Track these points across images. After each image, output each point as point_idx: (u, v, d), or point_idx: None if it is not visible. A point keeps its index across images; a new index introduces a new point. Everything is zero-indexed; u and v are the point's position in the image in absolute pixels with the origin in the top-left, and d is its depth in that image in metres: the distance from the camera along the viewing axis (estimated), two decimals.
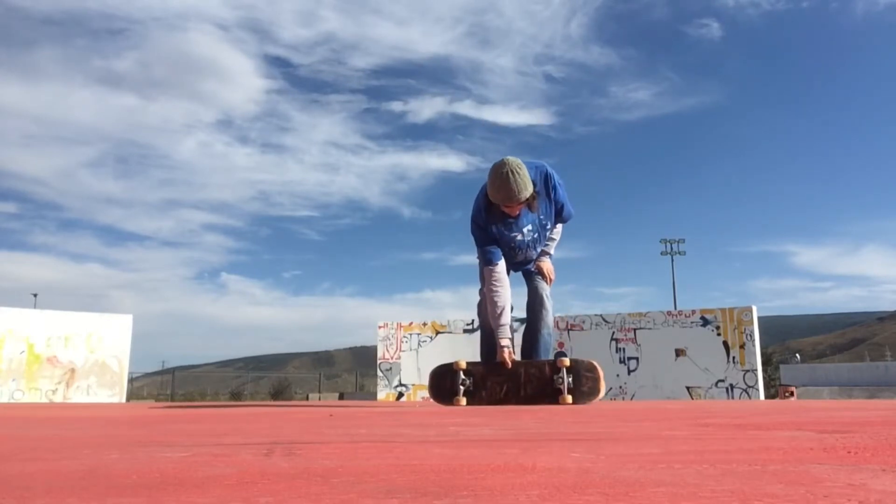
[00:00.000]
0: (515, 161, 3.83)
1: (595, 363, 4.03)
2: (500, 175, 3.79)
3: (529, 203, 3.92)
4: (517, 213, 3.98)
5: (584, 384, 3.93)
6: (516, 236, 4.12)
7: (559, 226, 4.34)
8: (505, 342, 4.08)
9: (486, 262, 4.12)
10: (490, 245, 4.12)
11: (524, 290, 4.40)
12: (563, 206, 4.19)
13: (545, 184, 4.04)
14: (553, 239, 4.35)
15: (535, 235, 4.17)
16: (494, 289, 4.09)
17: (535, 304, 4.29)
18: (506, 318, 4.10)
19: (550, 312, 4.26)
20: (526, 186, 3.81)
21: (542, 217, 4.12)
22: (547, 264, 4.34)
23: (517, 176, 3.78)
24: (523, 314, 4.44)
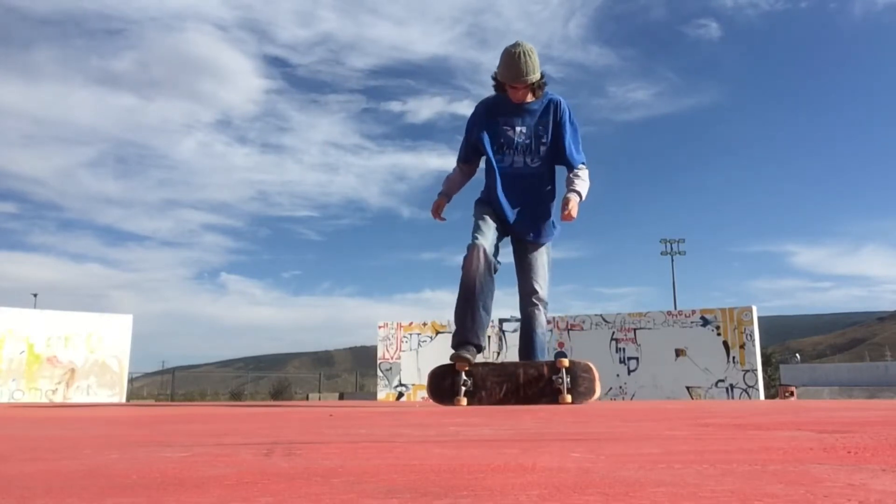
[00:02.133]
0: (530, 45, 3.84)
1: (590, 364, 4.04)
2: (512, 54, 3.81)
3: (534, 90, 3.91)
4: (521, 99, 3.94)
5: (580, 384, 3.95)
6: (507, 130, 4.01)
7: (584, 171, 4.11)
8: (440, 195, 4.33)
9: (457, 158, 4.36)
10: (466, 146, 4.23)
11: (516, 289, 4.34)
12: (565, 140, 3.98)
13: (550, 107, 3.99)
14: (579, 177, 4.06)
15: (528, 142, 4.01)
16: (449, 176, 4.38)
17: (526, 307, 4.21)
18: (446, 184, 4.35)
19: (543, 312, 4.15)
20: (535, 70, 3.82)
21: (540, 129, 4.00)
22: (572, 201, 4.03)
23: (528, 58, 3.79)
24: (516, 313, 4.40)
